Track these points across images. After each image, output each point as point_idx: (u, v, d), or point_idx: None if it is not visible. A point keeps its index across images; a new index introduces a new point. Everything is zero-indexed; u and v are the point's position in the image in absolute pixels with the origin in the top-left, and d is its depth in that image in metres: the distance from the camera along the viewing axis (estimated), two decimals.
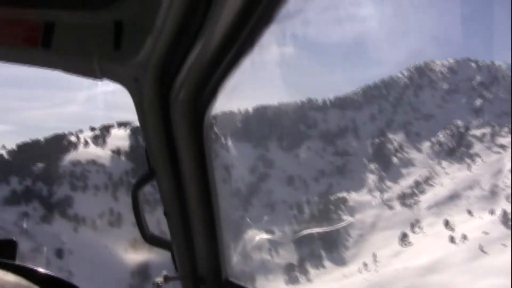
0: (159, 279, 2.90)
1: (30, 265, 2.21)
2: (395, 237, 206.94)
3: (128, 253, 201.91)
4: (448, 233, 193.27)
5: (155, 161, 2.71)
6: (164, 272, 2.92)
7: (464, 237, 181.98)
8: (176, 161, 2.60)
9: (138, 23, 2.13)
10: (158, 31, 2.01)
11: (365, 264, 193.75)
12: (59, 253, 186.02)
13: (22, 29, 2.16)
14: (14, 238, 2.97)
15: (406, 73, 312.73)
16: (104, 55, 2.17)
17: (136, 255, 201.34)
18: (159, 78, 2.24)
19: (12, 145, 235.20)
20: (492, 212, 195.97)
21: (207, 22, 1.90)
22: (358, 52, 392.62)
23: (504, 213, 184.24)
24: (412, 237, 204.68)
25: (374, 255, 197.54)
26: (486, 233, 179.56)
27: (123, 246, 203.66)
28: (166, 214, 2.92)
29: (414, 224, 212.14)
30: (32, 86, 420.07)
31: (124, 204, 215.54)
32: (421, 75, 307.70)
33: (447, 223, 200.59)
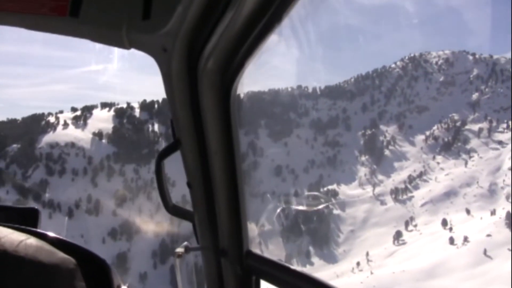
0: (180, 249, 2.85)
1: (52, 232, 2.21)
2: (389, 234, 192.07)
3: (106, 245, 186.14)
4: (446, 233, 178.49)
5: (180, 132, 2.62)
6: (185, 243, 2.87)
7: (466, 239, 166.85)
8: (201, 132, 2.55)
9: None
10: (188, 1, 2.01)
11: (358, 264, 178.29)
12: None
13: None
14: (36, 207, 3.06)
15: (400, 64, 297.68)
16: (133, 25, 2.15)
17: (115, 247, 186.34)
18: (187, 48, 2.23)
19: None
20: (493, 212, 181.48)
21: None
22: (350, 40, 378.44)
23: (508, 215, 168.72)
24: (406, 235, 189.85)
25: (367, 254, 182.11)
26: (489, 236, 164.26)
27: (100, 236, 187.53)
28: (189, 185, 2.83)
29: (409, 222, 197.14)
30: (18, 63, 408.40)
31: (104, 191, 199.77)
32: (416, 66, 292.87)
33: (444, 222, 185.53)
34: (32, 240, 1.66)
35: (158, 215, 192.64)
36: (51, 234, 2.19)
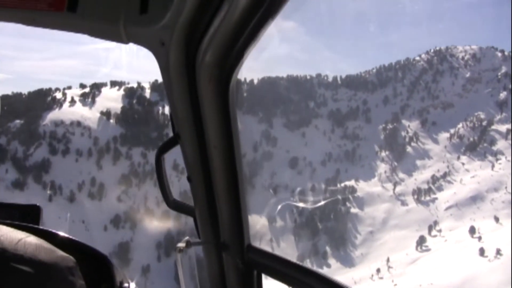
0: (182, 244, 2.78)
1: (52, 229, 2.22)
2: (410, 238, 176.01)
3: (108, 233, 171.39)
4: (475, 242, 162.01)
5: (180, 126, 2.59)
6: (187, 238, 2.80)
7: (498, 252, 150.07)
8: (201, 126, 2.52)
9: None
10: None
11: (378, 270, 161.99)
12: None
13: None
14: (37, 204, 3.03)
15: (424, 57, 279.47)
16: (130, 19, 2.15)
17: (117, 235, 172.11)
18: (185, 41, 2.21)
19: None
20: None
21: None
22: (374, 30, 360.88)
23: None
24: (430, 241, 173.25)
25: (388, 260, 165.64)
26: None
27: (102, 222, 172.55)
28: (189, 179, 2.80)
29: (432, 226, 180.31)
30: (30, 36, 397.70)
31: (108, 174, 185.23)
32: (442, 60, 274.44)
33: (472, 230, 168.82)
34: (31, 238, 1.66)
35: (165, 204, 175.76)
36: (52, 231, 2.21)
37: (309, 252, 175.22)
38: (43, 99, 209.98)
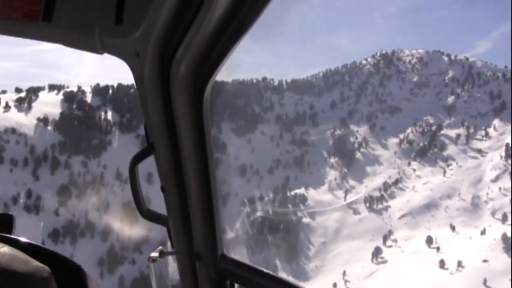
0: (155, 254, 2.82)
1: (27, 239, 2.18)
2: (365, 249, 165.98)
3: (46, 246, 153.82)
4: (433, 253, 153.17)
5: (154, 136, 2.58)
6: (160, 247, 2.85)
7: (460, 264, 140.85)
8: (175, 137, 2.51)
9: None
10: (160, 4, 1.99)
11: (335, 285, 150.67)
12: None
13: (23, 3, 2.11)
14: (10, 213, 2.83)
15: (371, 60, 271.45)
16: (105, 29, 2.12)
17: (55, 249, 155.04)
18: (160, 52, 2.20)
19: None
20: (483, 232, 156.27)
21: None
22: (319, 34, 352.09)
23: (505, 237, 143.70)
24: (386, 252, 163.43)
25: (344, 273, 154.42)
26: (486, 261, 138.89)
27: (40, 238, 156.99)
28: (163, 189, 2.79)
29: (387, 236, 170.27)
30: None
31: (46, 185, 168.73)
32: (388, 64, 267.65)
33: (429, 240, 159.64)
34: (6, 249, 1.62)
35: (108, 216, 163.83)
36: (26, 240, 2.18)
37: (263, 265, 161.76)
38: None
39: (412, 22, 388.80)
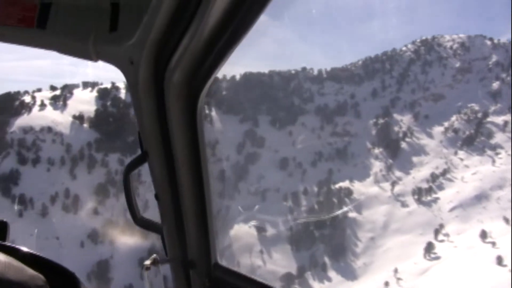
0: (149, 262, 2.88)
1: (21, 246, 2.18)
2: (415, 244, 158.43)
3: (85, 249, 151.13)
4: (488, 248, 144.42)
5: (148, 144, 2.62)
6: (154, 255, 2.90)
7: None
8: (169, 144, 2.55)
9: (135, 4, 2.11)
10: (155, 12, 1.98)
11: (386, 284, 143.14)
12: None
13: (18, 9, 2.13)
14: (4, 219, 2.81)
15: (411, 47, 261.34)
16: (100, 36, 2.14)
17: (95, 250, 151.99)
18: (154, 60, 2.21)
19: None
20: None
21: (203, 4, 1.89)
22: (356, 20, 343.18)
23: None
24: (439, 247, 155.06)
25: (396, 270, 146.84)
26: None
27: (79, 238, 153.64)
28: (157, 197, 2.86)
29: (439, 230, 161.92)
30: None
31: (83, 184, 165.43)
32: (429, 50, 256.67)
33: (483, 234, 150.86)
34: (0, 257, 1.60)
35: (147, 213, 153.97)
36: (20, 248, 2.16)
37: (308, 264, 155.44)
38: (10, 104, 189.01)
39: (452, 5, 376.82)
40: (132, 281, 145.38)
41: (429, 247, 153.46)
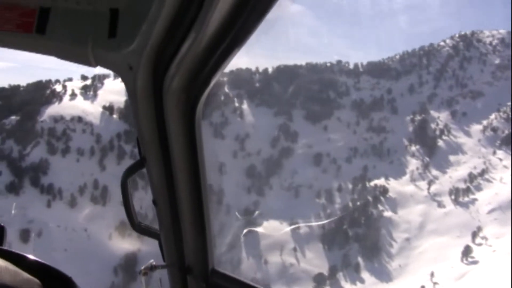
0: (146, 267, 2.92)
1: (18, 251, 2.18)
2: (452, 246, 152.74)
3: (113, 239, 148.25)
4: None
5: (146, 150, 2.63)
6: (151, 261, 2.93)
7: None
8: (167, 150, 2.56)
9: (134, 10, 2.10)
10: (154, 19, 1.98)
11: None
12: (25, 235, 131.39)
13: (17, 14, 2.13)
14: (1, 224, 2.90)
15: (449, 42, 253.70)
16: (99, 42, 2.14)
17: (122, 243, 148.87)
18: (153, 66, 2.21)
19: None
20: None
21: (202, 11, 1.89)
22: (393, 14, 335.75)
23: None
24: (476, 251, 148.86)
25: (432, 274, 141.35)
26: None
27: (107, 230, 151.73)
28: (155, 202, 2.87)
29: (476, 233, 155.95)
30: None
31: (112, 175, 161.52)
32: (468, 45, 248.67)
33: None
34: None
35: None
36: (16, 252, 2.15)
37: (341, 264, 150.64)
38: (41, 92, 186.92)
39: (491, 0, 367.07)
40: (162, 276, 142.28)
41: (467, 251, 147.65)
